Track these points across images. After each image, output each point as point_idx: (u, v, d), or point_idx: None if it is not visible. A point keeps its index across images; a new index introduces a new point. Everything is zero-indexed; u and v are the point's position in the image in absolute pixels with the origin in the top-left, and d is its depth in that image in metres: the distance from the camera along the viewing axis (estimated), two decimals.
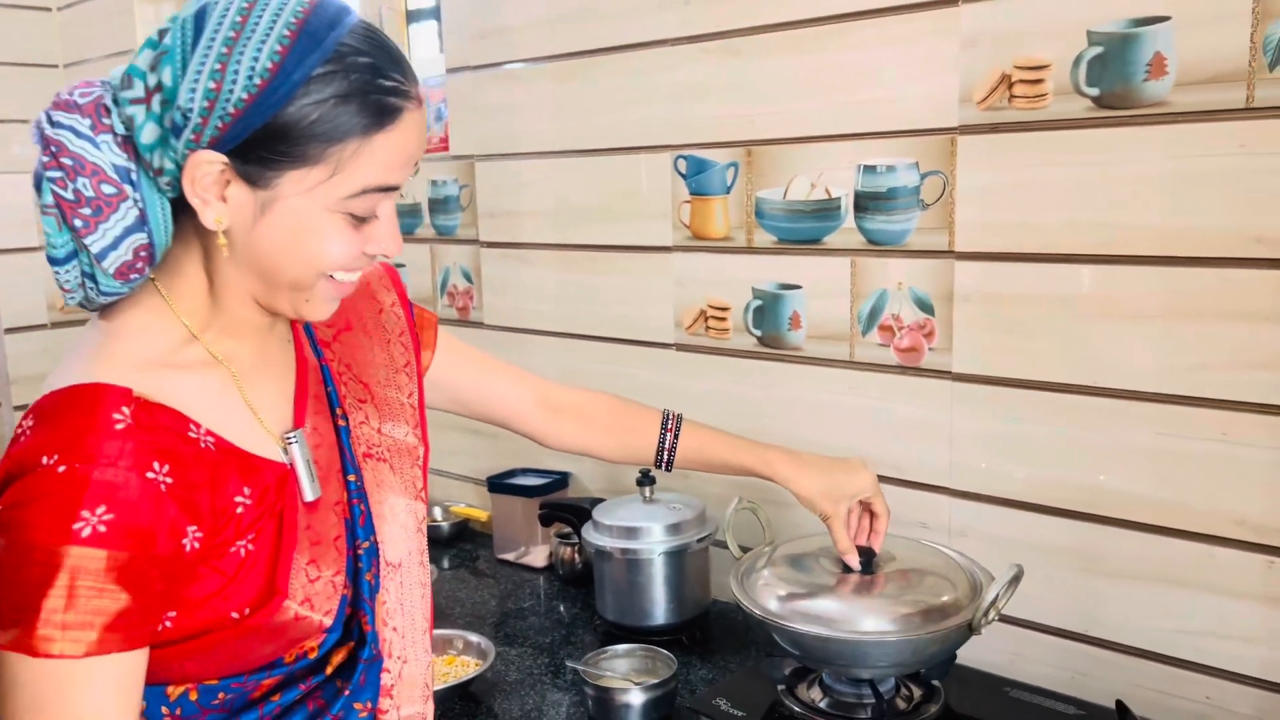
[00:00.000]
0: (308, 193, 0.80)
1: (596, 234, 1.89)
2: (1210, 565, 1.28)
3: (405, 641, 0.97)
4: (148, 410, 0.78)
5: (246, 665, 0.86)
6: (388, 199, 0.85)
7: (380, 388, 1.02)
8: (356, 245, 0.84)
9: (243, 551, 0.83)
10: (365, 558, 0.92)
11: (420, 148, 0.85)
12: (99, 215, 0.80)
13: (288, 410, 0.92)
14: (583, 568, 1.87)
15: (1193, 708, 1.31)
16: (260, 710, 0.87)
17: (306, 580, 0.86)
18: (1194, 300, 1.24)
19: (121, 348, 0.83)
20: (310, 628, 0.86)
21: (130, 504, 0.75)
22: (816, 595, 1.21)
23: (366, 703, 0.91)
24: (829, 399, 1.61)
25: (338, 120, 0.78)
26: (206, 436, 0.82)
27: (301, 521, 0.87)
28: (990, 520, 1.46)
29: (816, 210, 1.57)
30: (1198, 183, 1.22)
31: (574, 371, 1.97)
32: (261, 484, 0.85)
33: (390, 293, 1.09)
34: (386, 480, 0.98)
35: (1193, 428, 1.27)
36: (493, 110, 2.03)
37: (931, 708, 1.22)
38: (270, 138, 0.78)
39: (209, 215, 0.80)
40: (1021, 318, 1.38)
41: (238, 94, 0.76)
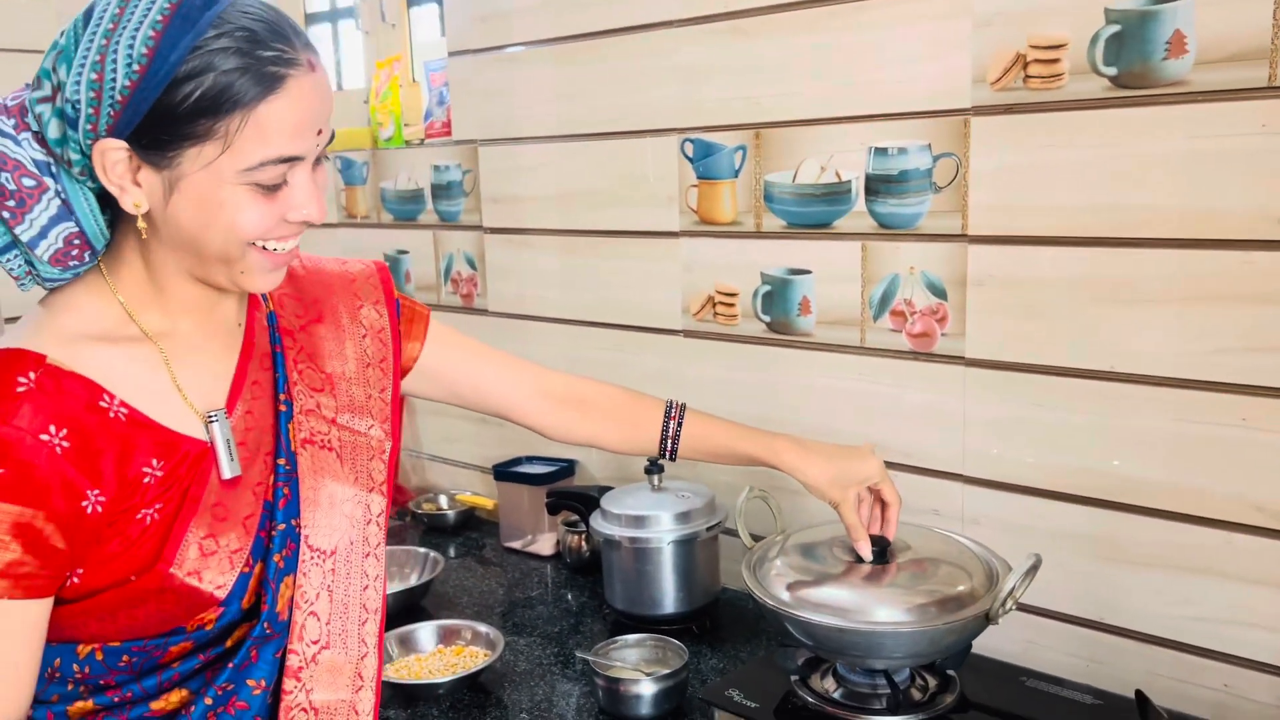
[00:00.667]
0: (207, 168, 0.83)
1: (602, 219, 1.87)
2: (1228, 552, 1.26)
3: (329, 629, 0.98)
4: (55, 377, 0.84)
5: (145, 630, 0.90)
6: (297, 168, 0.86)
7: (344, 381, 1.05)
8: (273, 213, 0.87)
9: (148, 519, 0.87)
10: (278, 539, 0.94)
11: (317, 114, 0.86)
12: (23, 207, 0.86)
13: (220, 390, 0.96)
14: (590, 556, 1.85)
15: (1211, 696, 1.30)
16: (159, 676, 0.91)
17: (199, 553, 0.89)
18: (1213, 283, 1.22)
19: (56, 321, 0.89)
20: (202, 599, 0.90)
21: (20, 460, 0.80)
22: (830, 584, 1.20)
23: (260, 680, 0.94)
24: (840, 385, 1.59)
25: (219, 94, 0.81)
26: (120, 408, 0.86)
27: (210, 498, 0.90)
28: (1004, 507, 1.44)
29: (826, 194, 1.55)
30: (1218, 163, 1.20)
31: (580, 359, 1.95)
32: (175, 457, 0.89)
33: (376, 291, 1.12)
34: (329, 468, 1.00)
35: (1211, 413, 1.25)
36: (495, 94, 2.00)
37: (947, 698, 1.21)
38: (160, 119, 0.81)
39: (127, 200, 0.85)
40: (1036, 302, 1.36)
41: (120, 81, 0.80)
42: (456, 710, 1.42)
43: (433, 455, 2.34)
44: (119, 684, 0.91)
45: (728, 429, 1.27)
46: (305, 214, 0.88)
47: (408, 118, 2.26)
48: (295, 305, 1.05)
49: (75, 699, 0.91)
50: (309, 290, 1.07)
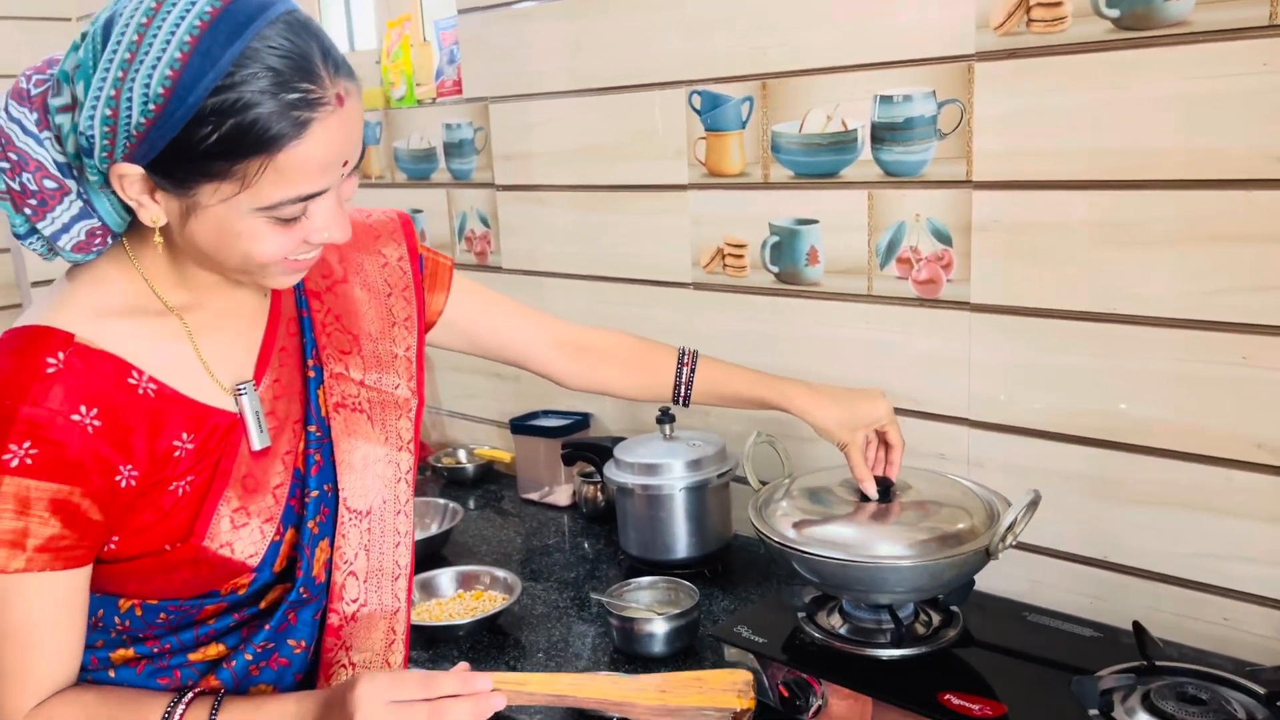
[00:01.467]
0: (224, 203, 0.81)
1: (612, 174, 1.89)
2: (1229, 489, 1.28)
3: (366, 587, 1.01)
4: (84, 356, 0.84)
5: (180, 593, 0.93)
6: (316, 201, 0.84)
7: (371, 340, 1.05)
8: (292, 239, 0.85)
9: (180, 491, 0.89)
10: (312, 505, 0.96)
11: (343, 150, 0.83)
12: (45, 206, 0.85)
13: (249, 361, 0.96)
14: (605, 505, 1.89)
15: (1210, 629, 1.33)
16: (196, 631, 0.95)
17: (230, 525, 0.91)
18: (1214, 223, 1.23)
19: (81, 295, 0.89)
20: (235, 567, 0.92)
21: (54, 441, 0.81)
22: (835, 523, 1.23)
23: (300, 640, 0.97)
24: (847, 334, 1.61)
25: (239, 139, 0.77)
26: (149, 384, 0.87)
27: (240, 469, 0.92)
28: (1009, 450, 1.46)
29: (833, 143, 1.56)
30: (1220, 103, 1.20)
31: (592, 313, 1.98)
32: (205, 430, 0.90)
33: (399, 246, 1.11)
34: (361, 430, 1.01)
35: (1213, 352, 1.26)
36: (505, 51, 2.01)
37: (950, 632, 1.24)
38: (176, 156, 0.79)
39: (145, 216, 0.84)
40: (1040, 246, 1.38)
41: (136, 118, 0.77)
42: (476, 650, 1.47)
43: (452, 411, 2.38)
44: (157, 636, 0.95)
45: (739, 374, 1.29)
46: (326, 237, 0.87)
47: (419, 77, 2.27)
48: (320, 265, 1.04)
49: (118, 646, 0.95)
50: (333, 247, 1.06)
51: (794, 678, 1.21)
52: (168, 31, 0.76)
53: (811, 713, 1.20)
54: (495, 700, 0.85)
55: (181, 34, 0.76)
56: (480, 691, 0.84)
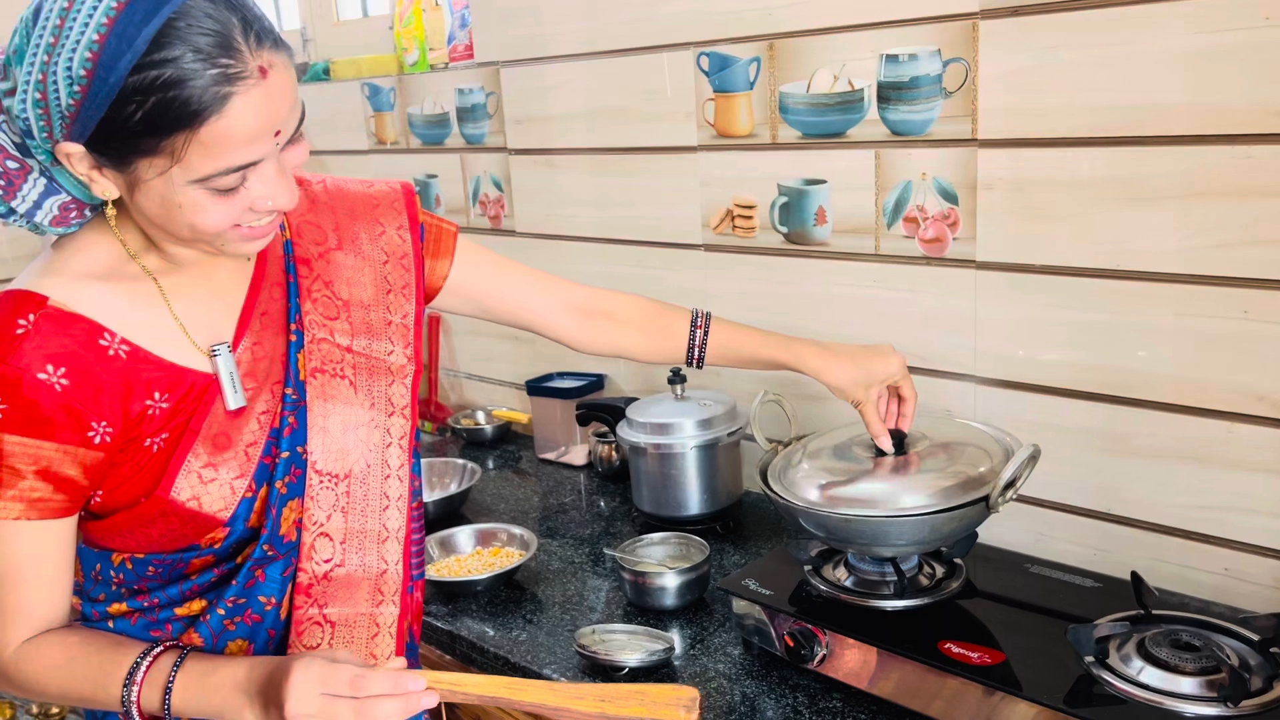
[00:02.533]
0: (160, 176, 0.83)
1: (622, 136, 1.90)
2: (1230, 441, 1.30)
3: (344, 548, 1.04)
4: (55, 319, 0.88)
5: (162, 546, 0.98)
6: (256, 168, 0.85)
7: (361, 308, 1.07)
8: (235, 208, 0.87)
9: (155, 447, 0.93)
10: (282, 466, 0.99)
11: (270, 121, 0.84)
12: (12, 186, 0.89)
13: (228, 323, 0.99)
14: (620, 464, 1.93)
15: (1212, 580, 1.35)
16: (181, 586, 1.00)
17: (199, 480, 0.95)
18: (1215, 178, 1.24)
19: (63, 261, 0.93)
20: (207, 521, 0.96)
21: (22, 398, 0.86)
22: (853, 480, 1.24)
23: (271, 597, 1.01)
24: (856, 292, 1.63)
25: (161, 115, 0.79)
26: (121, 345, 0.91)
27: (212, 427, 0.95)
28: (1014, 405, 1.48)
29: (840, 103, 1.57)
30: (1221, 58, 1.20)
31: (605, 275, 2.00)
32: (181, 390, 0.94)
33: (400, 215, 1.13)
34: (341, 394, 1.03)
35: (1214, 306, 1.27)
36: (515, 14, 2.02)
37: (953, 584, 1.27)
38: (109, 134, 0.81)
39: (97, 190, 0.87)
40: (1044, 203, 1.39)
41: (65, 100, 0.80)
42: (494, 604, 1.52)
43: (469, 374, 2.42)
44: (148, 589, 1.01)
45: (752, 335, 1.30)
46: (270, 205, 0.88)
47: (431, 42, 2.29)
48: (314, 232, 1.07)
49: (115, 600, 1.02)
50: (329, 215, 1.09)
51: (800, 628, 1.25)
52: (86, 13, 0.78)
53: (816, 662, 1.24)
54: (426, 699, 0.87)
55: (99, 16, 0.78)
56: (410, 691, 0.86)
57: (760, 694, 1.25)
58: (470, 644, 1.44)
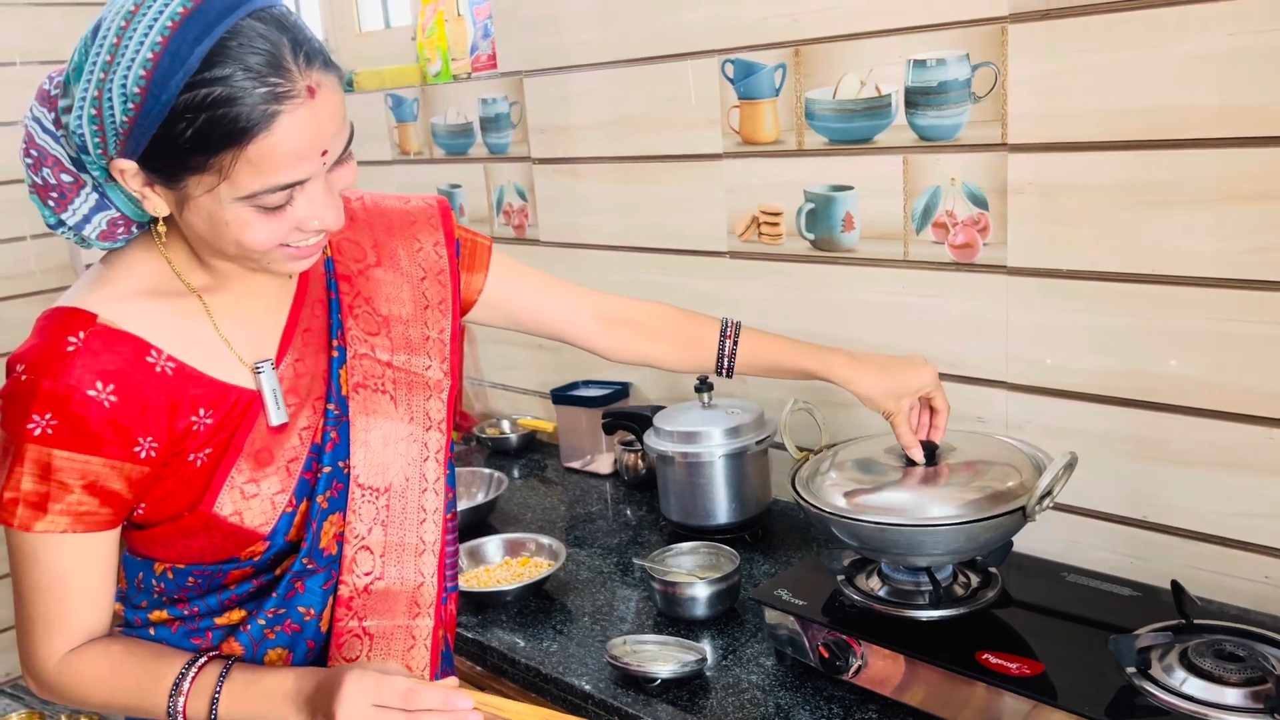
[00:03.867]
0: (209, 194, 0.85)
1: (646, 144, 1.90)
2: (1270, 447, 1.28)
3: (383, 561, 1.04)
4: (104, 337, 0.90)
5: (202, 558, 1.00)
6: (303, 187, 0.87)
7: (401, 323, 1.08)
8: (282, 227, 0.88)
9: (198, 462, 0.95)
10: (323, 480, 1.00)
11: (318, 140, 0.85)
12: (65, 199, 0.92)
13: (271, 341, 1.01)
14: (646, 473, 1.93)
15: (1251, 587, 1.33)
16: (220, 596, 1.02)
17: (240, 496, 0.96)
18: (1252, 181, 1.22)
19: (110, 278, 0.95)
20: (248, 535, 0.98)
21: (71, 414, 0.88)
22: (882, 489, 1.24)
23: (310, 608, 1.02)
24: (884, 299, 1.62)
25: (210, 132, 0.81)
26: (168, 362, 0.93)
27: (254, 443, 0.97)
28: (1047, 412, 1.47)
29: (867, 109, 1.56)
30: (1258, 59, 1.19)
31: (630, 283, 2.00)
32: (225, 406, 0.96)
33: (436, 231, 1.14)
34: (382, 409, 1.05)
35: (1252, 311, 1.26)
36: (538, 24, 2.03)
37: (989, 593, 1.26)
38: (161, 151, 0.83)
39: (148, 206, 0.89)
40: (1076, 208, 1.37)
41: (119, 117, 0.82)
42: (524, 615, 1.52)
43: (494, 383, 2.43)
44: (188, 599, 1.02)
45: (782, 344, 1.30)
46: (317, 225, 0.90)
47: (454, 52, 2.29)
48: (354, 249, 1.08)
49: (156, 607, 1.03)
50: (368, 232, 1.10)
51: (834, 639, 1.24)
52: (142, 32, 0.80)
53: (851, 673, 1.23)
54: (472, 718, 0.88)
55: (154, 35, 0.80)
56: (459, 710, 0.88)
57: (795, 705, 1.24)
58: (501, 655, 1.43)
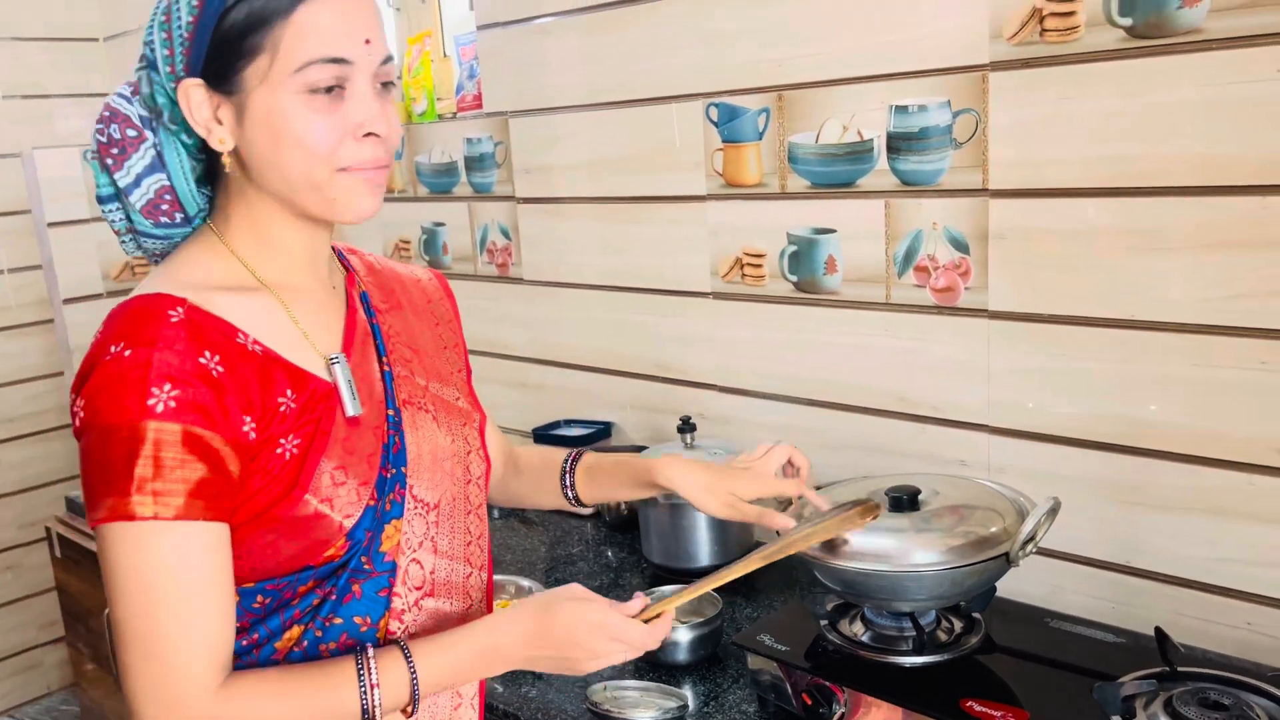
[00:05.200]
0: (264, 83, 0.88)
1: (631, 186, 1.91)
2: (1250, 493, 1.29)
3: (434, 578, 1.02)
4: (200, 313, 0.89)
5: (279, 567, 0.93)
6: (350, 76, 0.90)
7: (428, 356, 1.10)
8: (336, 125, 0.90)
9: (287, 454, 0.91)
10: (390, 482, 0.98)
11: (356, 20, 0.90)
12: (124, 155, 0.94)
13: (335, 340, 1.00)
14: (628, 514, 1.91)
15: (1234, 634, 1.33)
16: (283, 615, 0.94)
17: (331, 483, 0.93)
18: (1230, 229, 1.24)
19: (179, 272, 0.94)
20: (331, 528, 0.93)
21: (189, 383, 0.85)
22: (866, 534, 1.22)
23: (366, 617, 0.97)
24: (866, 342, 1.62)
25: (262, 8, 0.87)
26: (254, 344, 0.92)
27: (339, 433, 0.95)
28: (1029, 456, 1.47)
29: (849, 153, 1.58)
30: (1234, 110, 1.21)
31: (613, 323, 2.00)
32: (306, 392, 0.94)
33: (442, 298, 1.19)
34: (427, 427, 1.04)
35: (1231, 357, 1.27)
36: (524, 65, 2.04)
37: (972, 639, 1.25)
38: (220, 46, 0.88)
39: (214, 139, 0.92)
40: (1057, 253, 1.38)
41: (185, 19, 0.89)
42: None
43: None
44: (250, 625, 0.94)
45: (612, 460, 1.27)
46: (367, 124, 0.91)
47: (440, 92, 2.30)
48: (379, 294, 1.10)
49: None
50: (387, 283, 1.13)
51: (817, 685, 1.22)
52: None
53: None
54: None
55: None
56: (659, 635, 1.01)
57: None
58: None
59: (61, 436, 3.06)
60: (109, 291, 2.94)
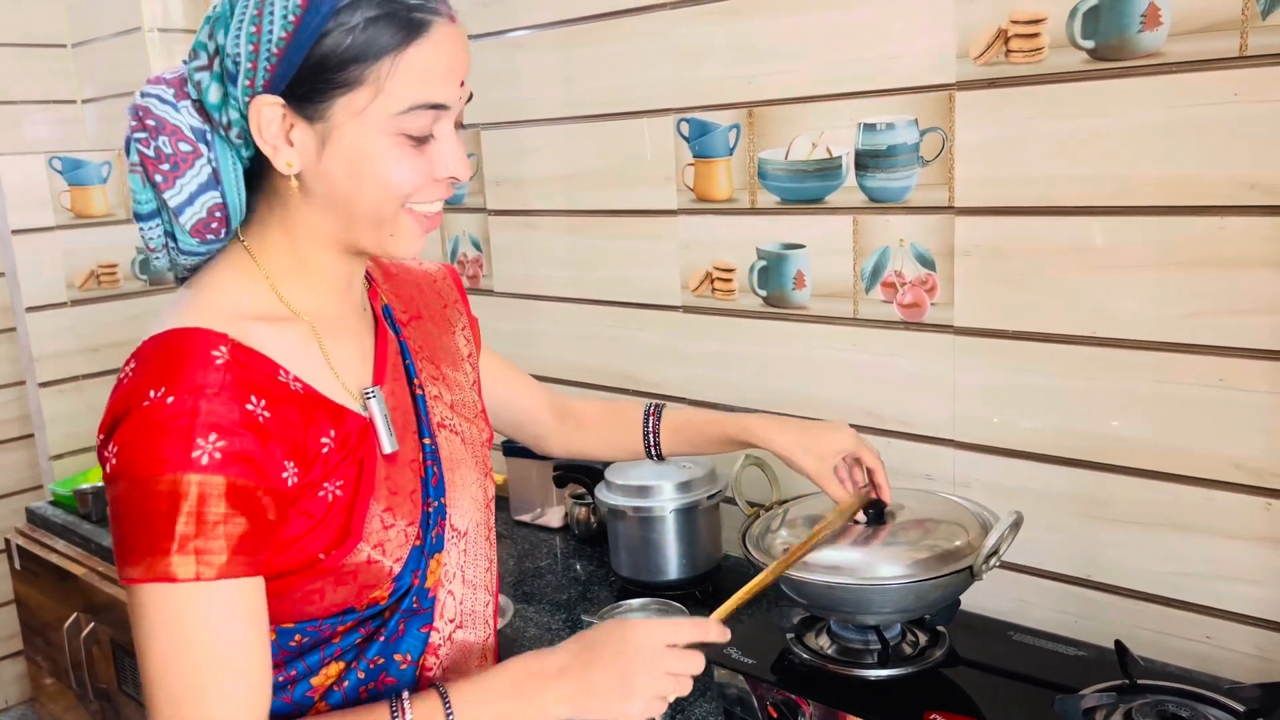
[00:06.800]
0: (358, 117, 0.84)
1: (602, 199, 1.92)
2: (1209, 508, 1.31)
3: (462, 609, 1.01)
4: (242, 351, 0.84)
5: (322, 611, 0.90)
6: (442, 118, 0.87)
7: (450, 371, 1.08)
8: (422, 169, 0.87)
9: (330, 497, 0.87)
10: (433, 516, 0.96)
11: (460, 64, 0.87)
12: (176, 171, 0.86)
13: (366, 370, 0.96)
14: (597, 527, 1.91)
15: (1193, 647, 1.35)
16: (322, 652, 0.92)
17: (381, 526, 0.90)
18: (1189, 249, 1.26)
19: (211, 301, 0.88)
20: (380, 573, 0.90)
21: (236, 433, 0.80)
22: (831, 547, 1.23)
23: (407, 654, 0.95)
24: (834, 356, 1.64)
25: (369, 40, 0.82)
26: (295, 381, 0.87)
27: (380, 472, 0.91)
28: (993, 470, 1.49)
29: (818, 170, 1.59)
30: (1193, 132, 1.24)
31: (584, 336, 2.00)
32: (344, 431, 0.89)
33: (453, 291, 1.17)
34: (458, 453, 1.02)
35: (1190, 374, 1.29)
36: (497, 78, 2.04)
37: (936, 652, 1.26)
38: (314, 69, 0.83)
39: (280, 160, 0.86)
40: (1021, 271, 1.40)
41: (277, 34, 0.82)
42: None
43: None
44: (285, 662, 0.91)
45: (702, 415, 1.31)
46: (453, 169, 0.88)
47: None
48: (399, 303, 1.06)
49: None
50: (405, 289, 1.09)
51: (782, 698, 1.23)
52: None
53: None
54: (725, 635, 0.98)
55: None
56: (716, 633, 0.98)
57: None
58: None
59: (24, 446, 3.00)
60: (73, 300, 2.89)
